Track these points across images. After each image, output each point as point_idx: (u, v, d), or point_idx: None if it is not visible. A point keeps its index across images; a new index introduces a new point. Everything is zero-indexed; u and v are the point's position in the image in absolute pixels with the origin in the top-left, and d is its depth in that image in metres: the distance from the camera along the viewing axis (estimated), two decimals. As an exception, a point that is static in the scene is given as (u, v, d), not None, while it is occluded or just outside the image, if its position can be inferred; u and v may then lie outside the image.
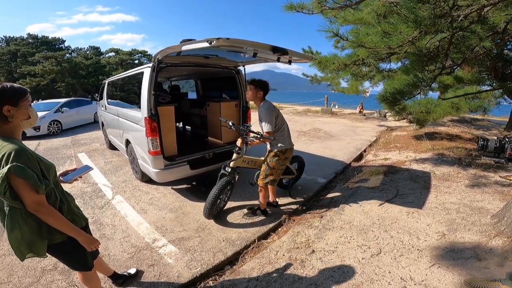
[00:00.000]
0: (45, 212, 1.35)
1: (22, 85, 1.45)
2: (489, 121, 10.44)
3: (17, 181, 1.25)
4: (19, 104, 1.36)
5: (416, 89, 4.18)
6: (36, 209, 1.32)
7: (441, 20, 2.65)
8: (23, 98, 1.38)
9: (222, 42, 2.32)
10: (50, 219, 1.37)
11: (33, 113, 1.45)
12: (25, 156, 1.29)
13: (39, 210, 1.33)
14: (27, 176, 1.26)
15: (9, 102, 1.32)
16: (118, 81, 5.37)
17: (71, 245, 1.52)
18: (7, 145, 1.27)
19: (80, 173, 1.77)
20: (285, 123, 3.14)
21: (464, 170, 4.26)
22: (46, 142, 8.26)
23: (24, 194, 1.28)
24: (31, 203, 1.30)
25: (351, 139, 7.54)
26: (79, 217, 1.62)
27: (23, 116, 1.39)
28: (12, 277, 2.29)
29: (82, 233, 1.50)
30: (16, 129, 1.40)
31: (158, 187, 4.19)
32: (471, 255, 2.33)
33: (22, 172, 1.25)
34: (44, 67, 34.44)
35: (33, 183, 1.27)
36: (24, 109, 1.38)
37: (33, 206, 1.31)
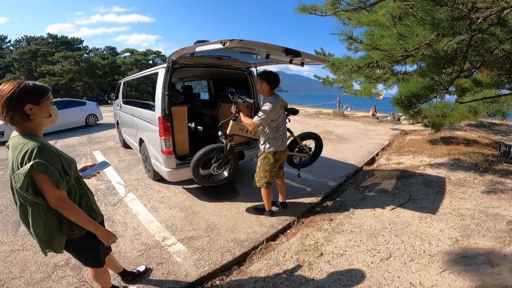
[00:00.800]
0: (66, 208, 1.39)
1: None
2: (507, 126, 10.08)
3: (39, 177, 1.29)
4: (41, 103, 1.37)
5: (432, 92, 4.09)
6: (57, 204, 1.36)
7: (459, 22, 2.59)
8: (45, 97, 1.40)
9: (236, 43, 2.34)
10: (71, 214, 1.41)
11: (54, 111, 1.47)
12: (48, 153, 1.32)
13: (60, 206, 1.37)
14: (49, 172, 1.29)
15: (31, 101, 1.33)
16: (133, 81, 5.49)
17: (87, 241, 1.56)
18: (29, 142, 1.30)
19: (98, 168, 1.82)
20: (284, 125, 3.07)
21: (481, 176, 4.13)
22: (62, 141, 8.51)
23: (46, 190, 1.31)
24: (53, 199, 1.34)
25: (363, 142, 7.43)
26: (96, 213, 1.67)
27: (44, 114, 1.41)
28: (25, 272, 2.36)
29: (100, 228, 1.55)
30: (37, 127, 1.43)
31: (169, 186, 4.25)
32: (484, 261, 2.26)
33: (45, 169, 1.28)
34: (63, 67, 35.61)
35: (55, 179, 1.31)
36: (46, 108, 1.40)
37: (54, 201, 1.35)
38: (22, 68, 39.13)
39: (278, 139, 2.97)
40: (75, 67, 36.07)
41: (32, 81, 1.39)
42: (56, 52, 38.48)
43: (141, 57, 40.96)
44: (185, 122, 4.01)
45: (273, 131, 2.94)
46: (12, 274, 2.33)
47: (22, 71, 38.89)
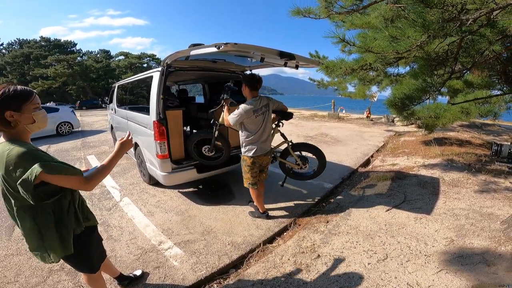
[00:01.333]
0: (94, 182, 1.42)
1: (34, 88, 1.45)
2: (499, 126, 10.23)
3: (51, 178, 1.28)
4: (23, 109, 1.31)
5: (425, 94, 4.14)
6: (87, 187, 1.39)
7: (449, 24, 2.63)
8: (27, 102, 1.32)
9: (230, 47, 2.35)
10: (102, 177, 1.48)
11: (39, 117, 1.38)
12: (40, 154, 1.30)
13: (90, 186, 1.40)
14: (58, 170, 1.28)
15: (12, 107, 1.27)
16: (127, 85, 5.46)
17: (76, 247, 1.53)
18: (14, 147, 1.25)
19: None
20: (265, 130, 2.99)
21: (474, 176, 4.19)
22: (56, 145, 8.42)
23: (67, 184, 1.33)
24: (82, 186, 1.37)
25: (358, 144, 7.48)
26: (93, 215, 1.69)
27: (27, 120, 1.34)
28: (19, 277, 2.33)
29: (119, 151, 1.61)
30: (23, 134, 1.37)
31: (165, 190, 4.23)
32: (480, 260, 2.29)
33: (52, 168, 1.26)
34: (56, 70, 35.26)
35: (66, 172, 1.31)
36: (28, 114, 1.33)
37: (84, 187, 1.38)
38: (15, 72, 38.71)
39: (254, 144, 2.96)
40: (68, 71, 35.76)
41: (14, 86, 1.32)
42: (49, 55, 38.17)
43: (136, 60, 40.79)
44: (180, 125, 3.99)
45: (249, 135, 2.93)
46: (7, 278, 2.31)
47: (14, 75, 38.46)
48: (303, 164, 3.57)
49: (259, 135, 2.96)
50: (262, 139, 2.99)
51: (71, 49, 44.89)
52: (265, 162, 3.18)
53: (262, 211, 3.32)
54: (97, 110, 28.14)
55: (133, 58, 41.26)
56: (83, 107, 31.93)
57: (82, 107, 31.89)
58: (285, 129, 3.57)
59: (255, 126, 2.91)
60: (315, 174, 3.67)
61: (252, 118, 2.86)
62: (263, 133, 2.99)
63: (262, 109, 2.92)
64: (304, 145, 3.62)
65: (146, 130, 3.85)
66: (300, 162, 3.56)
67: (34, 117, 1.36)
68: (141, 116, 4.16)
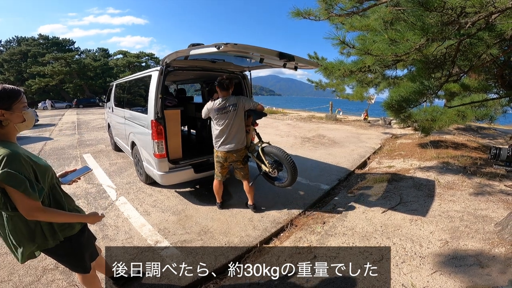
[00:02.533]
0: (43, 216, 1.33)
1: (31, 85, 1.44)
2: (495, 129, 10.33)
3: (7, 189, 1.24)
4: (13, 107, 1.31)
5: (422, 96, 4.17)
6: (32, 215, 1.29)
7: (448, 27, 2.65)
8: (17, 101, 1.33)
9: (230, 47, 2.35)
10: (52, 218, 1.38)
11: (29, 116, 1.39)
12: (18, 161, 1.26)
13: (35, 216, 1.31)
14: (17, 184, 1.22)
15: (2, 106, 1.28)
16: (125, 84, 5.44)
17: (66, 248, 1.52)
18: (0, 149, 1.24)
19: (79, 174, 1.77)
20: (228, 127, 3.15)
21: (469, 178, 4.22)
22: (52, 142, 8.38)
23: (17, 201, 1.26)
24: (24, 210, 1.27)
25: (355, 146, 7.51)
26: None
27: (17, 119, 1.34)
28: (13, 276, 2.31)
29: (86, 217, 1.56)
30: (11, 133, 1.36)
31: (161, 189, 4.22)
32: (474, 262, 2.31)
33: (11, 179, 1.21)
34: (54, 68, 35.06)
35: (23, 190, 1.24)
36: (18, 112, 1.33)
37: (27, 212, 1.28)
38: (12, 69, 38.42)
39: (218, 139, 3.22)
40: (66, 69, 35.56)
41: (2, 85, 1.32)
42: (47, 53, 37.90)
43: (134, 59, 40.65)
44: (179, 125, 3.99)
45: (214, 130, 3.23)
46: (0, 277, 2.29)
47: (11, 72, 38.17)
48: (271, 169, 3.44)
49: (223, 131, 3.17)
50: (226, 135, 3.18)
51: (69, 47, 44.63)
52: (231, 159, 3.29)
53: (218, 201, 3.60)
54: (94, 109, 28.02)
55: (132, 57, 41.12)
56: (79, 105, 31.82)
57: (78, 105, 31.78)
58: (282, 130, 3.57)
59: (220, 122, 3.16)
60: (282, 185, 3.50)
61: (215, 115, 3.15)
62: (227, 130, 3.17)
63: (227, 107, 3.12)
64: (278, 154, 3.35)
65: (144, 129, 3.84)
66: (268, 166, 3.45)
67: (24, 116, 1.37)
68: (139, 115, 4.15)
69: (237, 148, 3.23)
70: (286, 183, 3.43)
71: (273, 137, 8.92)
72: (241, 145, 3.27)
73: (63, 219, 1.43)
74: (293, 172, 3.26)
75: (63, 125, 13.66)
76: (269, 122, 13.00)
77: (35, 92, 35.26)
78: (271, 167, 3.43)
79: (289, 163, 3.24)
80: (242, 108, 3.21)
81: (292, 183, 3.39)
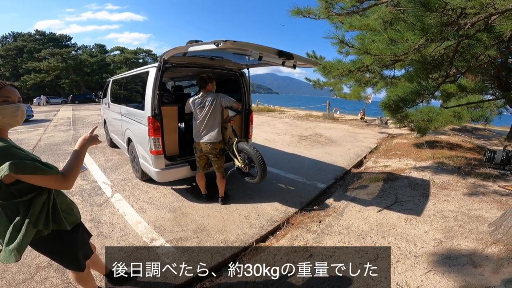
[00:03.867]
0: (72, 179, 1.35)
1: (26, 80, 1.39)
2: (490, 130, 10.43)
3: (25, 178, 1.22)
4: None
5: (419, 97, 4.19)
6: (66, 185, 1.32)
7: (448, 28, 2.66)
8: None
9: (229, 44, 2.34)
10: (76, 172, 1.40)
11: (8, 111, 1.28)
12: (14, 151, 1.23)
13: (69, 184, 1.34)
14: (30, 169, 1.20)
15: None
16: (122, 80, 5.40)
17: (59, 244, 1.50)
18: None
19: None
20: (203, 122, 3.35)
21: (464, 179, 4.26)
22: (47, 138, 8.29)
23: (43, 184, 1.27)
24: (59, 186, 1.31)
25: (352, 145, 7.54)
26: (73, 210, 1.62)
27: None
28: (6, 273, 2.28)
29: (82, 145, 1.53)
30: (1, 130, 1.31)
31: (157, 186, 4.20)
32: (467, 262, 2.34)
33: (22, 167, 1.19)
34: (50, 64, 34.73)
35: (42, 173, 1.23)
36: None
37: (62, 186, 1.31)
38: (7, 65, 37.98)
39: (195, 131, 3.45)
40: (62, 64, 35.25)
41: None
42: (43, 48, 37.50)
43: (131, 56, 40.33)
44: (175, 122, 3.97)
45: (194, 123, 3.45)
46: (-7, 275, 2.25)
47: (7, 67, 37.74)
48: (243, 164, 3.51)
49: (199, 124, 3.39)
50: (201, 128, 3.38)
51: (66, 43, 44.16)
52: (206, 151, 3.43)
53: (203, 193, 3.77)
54: (90, 104, 27.79)
55: (129, 53, 40.80)
56: (75, 101, 31.55)
57: (74, 101, 31.50)
58: (279, 128, 3.58)
59: (197, 116, 3.38)
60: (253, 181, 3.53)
61: (195, 110, 3.38)
62: (203, 124, 3.37)
63: (204, 103, 3.33)
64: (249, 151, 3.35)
65: (140, 126, 3.81)
66: (241, 161, 3.52)
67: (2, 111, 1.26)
68: (135, 112, 4.12)
69: (210, 141, 3.39)
70: (256, 180, 3.47)
71: (270, 135, 8.93)
72: (214, 139, 3.39)
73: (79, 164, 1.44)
74: (263, 170, 3.30)
75: (58, 120, 13.52)
76: (266, 120, 13.00)
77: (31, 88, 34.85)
78: (243, 163, 3.52)
79: (258, 161, 3.28)
80: (219, 104, 3.36)
81: (262, 180, 3.43)
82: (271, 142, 7.91)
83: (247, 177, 3.65)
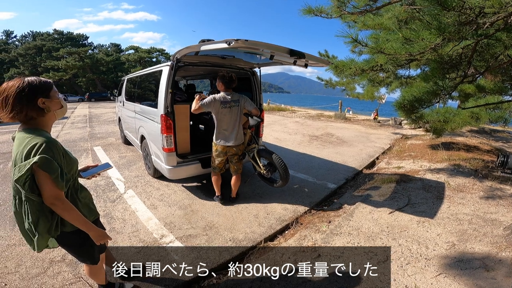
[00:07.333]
0: (60, 207, 1.36)
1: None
2: (509, 132, 10.05)
3: (40, 173, 1.27)
4: (50, 95, 1.38)
5: (435, 97, 4.08)
6: (52, 202, 1.33)
7: (466, 27, 2.59)
8: (52, 89, 1.40)
9: (241, 43, 2.34)
10: (65, 213, 1.39)
11: (64, 102, 1.48)
12: (55, 149, 1.31)
13: (55, 204, 1.34)
14: (52, 170, 1.27)
15: (42, 94, 1.34)
16: (136, 78, 5.50)
17: (80, 237, 1.54)
18: (37, 136, 1.29)
19: (100, 170, 1.80)
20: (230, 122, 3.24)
21: (480, 182, 4.13)
22: (64, 134, 8.55)
23: (44, 186, 1.30)
24: (49, 197, 1.32)
25: (364, 145, 7.43)
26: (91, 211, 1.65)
27: (56, 106, 1.42)
28: (20, 267, 2.35)
29: (93, 228, 1.50)
30: (50, 121, 1.43)
31: (169, 183, 4.26)
32: (480, 265, 2.28)
33: (48, 166, 1.26)
34: (68, 62, 35.76)
35: (55, 178, 1.29)
36: (56, 99, 1.41)
37: (50, 199, 1.32)
38: (27, 63, 39.32)
39: (219, 135, 3.28)
40: (79, 63, 36.21)
41: (32, 77, 1.38)
42: (61, 47, 38.64)
43: (145, 55, 41.04)
44: (188, 120, 4.02)
45: (216, 124, 3.25)
46: (8, 269, 2.33)
47: (26, 66, 39.07)
48: (266, 171, 3.54)
49: (224, 125, 3.25)
50: (226, 129, 3.26)
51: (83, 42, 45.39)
52: (231, 153, 3.38)
53: (217, 194, 3.65)
54: (106, 102, 28.46)
55: (143, 52, 41.52)
56: (92, 99, 32.40)
57: (91, 99, 32.37)
58: (290, 128, 3.57)
59: (221, 116, 3.20)
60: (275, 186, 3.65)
61: (218, 109, 3.16)
62: (228, 125, 3.25)
63: (230, 103, 3.21)
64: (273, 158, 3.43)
65: (154, 124, 3.88)
66: (263, 168, 3.54)
67: (61, 102, 1.45)
68: (149, 109, 4.19)
69: (238, 143, 3.34)
70: (278, 185, 3.57)
71: (281, 134, 8.91)
72: (240, 141, 3.37)
73: (72, 219, 1.42)
74: (285, 176, 3.38)
75: (75, 118, 13.93)
76: (277, 120, 12.96)
77: (49, 86, 35.93)
78: (265, 169, 3.53)
79: (281, 166, 3.37)
80: (243, 106, 3.33)
81: (284, 185, 3.52)
82: (282, 141, 7.89)
83: (270, 182, 3.69)
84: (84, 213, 1.56)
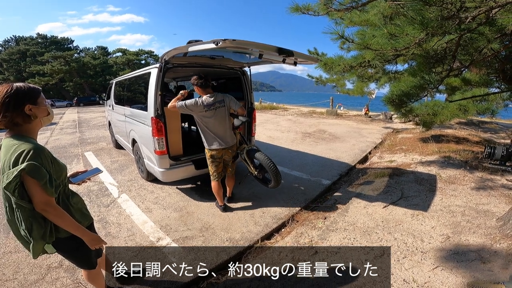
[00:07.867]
0: (52, 213, 1.35)
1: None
2: (496, 123, 10.29)
3: (29, 180, 1.27)
4: (38, 102, 1.37)
5: (423, 91, 4.15)
6: (43, 208, 1.32)
7: (448, 22, 2.63)
8: (40, 96, 1.40)
9: (229, 43, 2.34)
10: (57, 219, 1.38)
11: (51, 109, 1.48)
12: (43, 156, 1.31)
13: (46, 210, 1.33)
14: (40, 176, 1.27)
15: (29, 101, 1.33)
16: (125, 81, 5.44)
17: (75, 242, 1.53)
18: (24, 143, 1.29)
19: (90, 175, 1.78)
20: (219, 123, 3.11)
21: (471, 173, 4.22)
22: (54, 141, 8.39)
23: (34, 193, 1.29)
24: (39, 203, 1.31)
25: (356, 141, 7.50)
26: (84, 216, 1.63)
27: (43, 113, 1.41)
28: (18, 274, 2.33)
29: (87, 233, 1.49)
30: (36, 128, 1.43)
31: (163, 186, 4.23)
32: (475, 257, 2.32)
33: (36, 172, 1.26)
34: (53, 67, 35.05)
35: (43, 184, 1.28)
36: (43, 106, 1.40)
37: (41, 205, 1.31)
38: (11, 69, 38.35)
39: (207, 138, 3.16)
40: (65, 67, 35.52)
41: (21, 83, 1.37)
42: (45, 52, 37.80)
43: (133, 57, 40.53)
44: (179, 122, 3.99)
45: (203, 128, 3.13)
46: (6, 276, 2.30)
47: (11, 72, 38.12)
48: (257, 172, 3.47)
49: (212, 128, 3.11)
50: (216, 132, 3.13)
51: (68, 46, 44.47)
52: (227, 156, 3.29)
53: (220, 204, 3.47)
54: (95, 107, 28.01)
55: (131, 54, 41.01)
56: (80, 104, 31.82)
57: (79, 104, 31.78)
58: (283, 126, 3.58)
59: (206, 120, 3.07)
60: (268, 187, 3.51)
61: (202, 113, 3.02)
62: (216, 127, 3.12)
63: (215, 104, 3.06)
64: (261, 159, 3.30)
65: (144, 126, 3.84)
66: (253, 169, 3.47)
67: (48, 109, 1.44)
68: (139, 112, 4.15)
69: (230, 144, 3.25)
70: (271, 186, 3.45)
71: (274, 132, 8.92)
72: (233, 141, 3.30)
73: (65, 225, 1.41)
74: (276, 177, 3.25)
75: (64, 123, 13.66)
76: (269, 118, 12.98)
77: (35, 91, 35.19)
78: (256, 170, 3.46)
79: (270, 168, 3.22)
80: (228, 105, 3.19)
81: (278, 185, 3.38)
82: (275, 139, 7.90)
83: (262, 182, 3.59)
84: (78, 219, 1.54)
